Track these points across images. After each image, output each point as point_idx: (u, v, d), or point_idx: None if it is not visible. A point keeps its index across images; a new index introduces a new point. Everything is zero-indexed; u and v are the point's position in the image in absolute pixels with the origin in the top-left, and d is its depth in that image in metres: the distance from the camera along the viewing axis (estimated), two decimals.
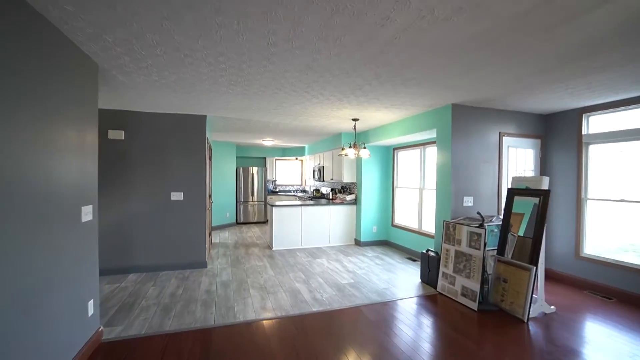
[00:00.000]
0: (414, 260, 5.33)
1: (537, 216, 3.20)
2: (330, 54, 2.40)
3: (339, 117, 4.87)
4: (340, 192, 7.22)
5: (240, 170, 9.11)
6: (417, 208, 5.62)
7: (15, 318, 1.62)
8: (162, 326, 2.91)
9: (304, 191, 10.48)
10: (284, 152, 10.08)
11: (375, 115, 4.73)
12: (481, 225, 3.58)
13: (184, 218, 4.66)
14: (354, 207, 6.62)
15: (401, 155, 6.27)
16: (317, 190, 8.54)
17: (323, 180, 7.79)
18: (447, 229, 3.85)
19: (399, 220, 6.30)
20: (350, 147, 4.85)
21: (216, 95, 3.62)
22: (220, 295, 3.69)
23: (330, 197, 7.55)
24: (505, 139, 4.31)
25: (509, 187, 3.69)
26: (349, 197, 6.55)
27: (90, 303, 2.46)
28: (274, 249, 6.02)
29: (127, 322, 2.98)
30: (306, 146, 9.37)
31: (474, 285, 3.40)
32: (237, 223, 9.12)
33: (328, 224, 6.43)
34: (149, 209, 4.51)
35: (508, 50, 2.36)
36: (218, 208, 8.19)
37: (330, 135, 7.00)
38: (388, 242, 6.49)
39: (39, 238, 1.83)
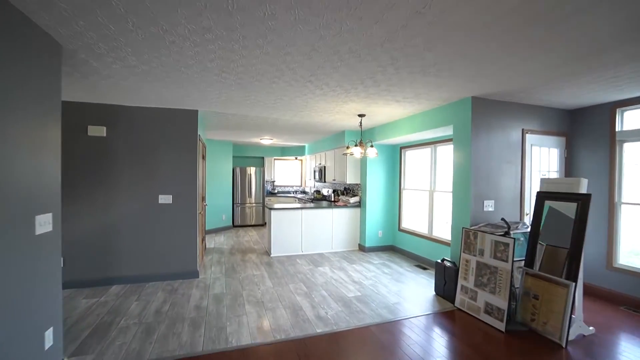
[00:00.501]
0: (425, 269, 4.91)
1: (576, 224, 2.78)
2: (341, 30, 1.98)
3: (344, 113, 4.45)
4: (343, 193, 6.80)
5: (238, 170, 8.68)
6: (427, 212, 5.21)
7: None
8: (141, 355, 2.47)
9: (303, 192, 10.06)
10: (283, 151, 9.66)
11: (383, 111, 4.31)
12: (507, 234, 3.16)
13: (173, 223, 4.23)
14: (357, 210, 6.20)
15: (409, 154, 5.86)
16: (317, 192, 8.12)
17: (324, 181, 7.37)
18: (467, 237, 3.44)
19: (406, 224, 5.88)
20: (356, 145, 4.43)
21: (207, 85, 3.19)
22: (211, 312, 3.26)
23: (332, 199, 7.13)
24: (529, 137, 3.89)
25: (538, 190, 3.28)
26: (352, 200, 6.14)
27: (49, 332, 2.02)
28: (272, 255, 5.60)
29: (100, 349, 2.54)
30: (306, 145, 8.95)
31: (501, 303, 2.98)
32: (234, 226, 8.68)
33: (330, 228, 6.01)
34: (134, 214, 4.08)
35: (553, 28, 1.94)
36: (213, 210, 7.75)
37: (332, 133, 6.58)
38: (394, 247, 6.07)
39: None
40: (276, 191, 9.78)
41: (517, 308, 3.04)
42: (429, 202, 5.17)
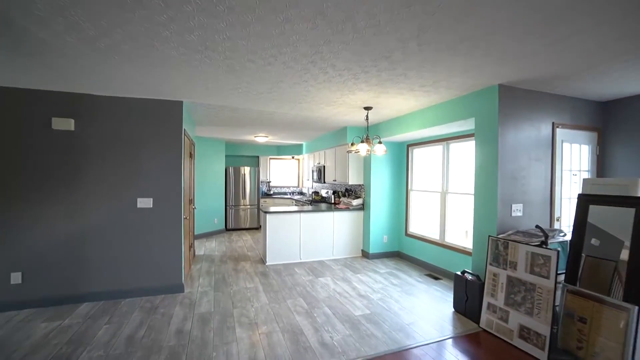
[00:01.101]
0: (436, 279, 4.43)
1: (636, 232, 2.31)
2: None
3: (349, 105, 3.95)
4: (344, 195, 6.31)
5: (231, 170, 8.15)
6: (439, 216, 4.73)
7: None
8: None
9: (301, 193, 9.55)
10: (279, 150, 9.14)
11: (393, 103, 3.82)
12: (544, 244, 2.69)
13: (154, 230, 3.69)
14: (360, 214, 5.71)
15: (417, 152, 5.38)
16: (316, 193, 7.62)
17: (323, 182, 6.87)
18: (495, 248, 2.95)
19: (414, 229, 5.40)
20: (362, 141, 3.93)
21: (190, 68, 2.68)
22: (195, 338, 2.74)
23: (333, 201, 6.63)
24: (559, 132, 3.43)
25: (580, 192, 2.80)
26: (355, 202, 5.64)
27: None
28: (267, 263, 5.08)
29: None
30: (304, 143, 8.45)
31: (541, 327, 2.50)
32: (227, 229, 8.15)
33: (331, 233, 5.51)
34: (108, 220, 3.54)
35: None
36: (204, 213, 7.21)
37: (333, 129, 6.08)
38: (400, 254, 5.59)
39: None
40: (272, 192, 9.26)
41: (558, 332, 2.56)
42: (441, 205, 4.69)
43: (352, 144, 4.09)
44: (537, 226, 2.83)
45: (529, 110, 3.24)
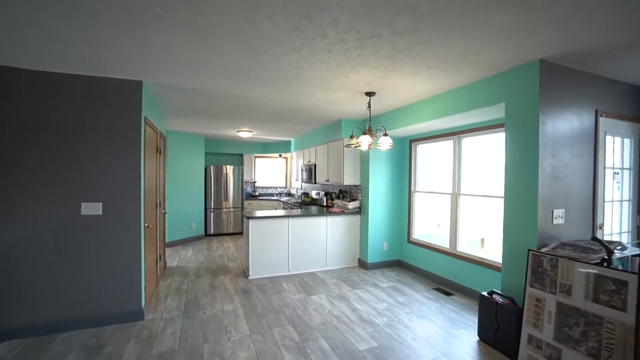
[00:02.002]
0: (448, 294, 3.81)
1: None
2: None
3: (348, 90, 3.28)
4: (338, 197, 5.63)
5: (211, 169, 7.35)
6: (449, 220, 4.11)
7: None
8: None
9: (289, 195, 8.83)
10: (265, 147, 8.39)
11: (401, 87, 3.17)
12: (606, 261, 2.08)
13: (104, 242, 2.92)
14: (357, 218, 5.05)
15: (422, 149, 4.76)
16: (306, 194, 6.92)
17: (314, 182, 6.18)
18: (538, 265, 2.33)
19: (418, 235, 4.78)
20: (364, 133, 3.26)
21: (141, 28, 1.95)
22: None
23: (325, 204, 5.95)
24: (602, 122, 2.85)
25: None
26: (351, 205, 4.97)
27: None
28: (251, 277, 4.35)
29: None
30: (292, 140, 7.73)
31: None
32: (207, 235, 7.35)
33: (324, 240, 4.82)
34: (42, 230, 2.75)
35: None
36: (180, 218, 6.40)
37: (326, 123, 5.40)
38: (402, 263, 4.96)
39: None
40: (257, 193, 8.51)
41: None
42: (452, 208, 4.07)
43: (352, 137, 3.42)
44: (594, 238, 2.22)
45: (571, 94, 2.64)
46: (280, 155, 8.72)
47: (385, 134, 3.24)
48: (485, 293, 2.74)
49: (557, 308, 2.17)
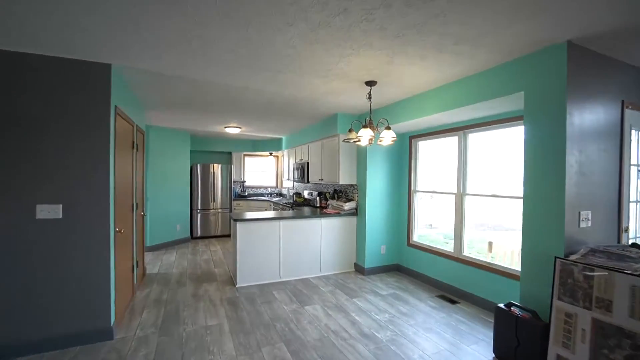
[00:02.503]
0: (453, 302, 3.52)
1: None
2: None
3: (347, 78, 2.94)
4: (332, 197, 5.30)
5: (198, 168, 6.93)
6: (453, 222, 3.82)
7: None
8: None
9: (280, 195, 8.46)
10: (255, 145, 8.00)
11: (406, 75, 2.86)
12: None
13: (65, 251, 2.51)
14: (353, 220, 4.72)
15: (423, 146, 4.46)
16: (298, 195, 6.57)
17: (307, 182, 5.83)
18: (568, 275, 2.03)
19: (419, 238, 4.48)
20: (364, 126, 2.92)
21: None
22: None
23: (318, 205, 5.61)
24: (628, 114, 2.59)
25: None
26: (347, 206, 4.64)
27: None
28: (238, 285, 3.97)
29: None
30: (283, 138, 7.36)
31: None
32: (193, 238, 6.92)
33: (318, 244, 4.48)
34: None
35: None
36: (163, 219, 5.97)
37: (319, 119, 5.05)
38: (401, 267, 4.66)
39: None
40: (247, 194, 8.11)
41: None
42: (457, 209, 3.78)
43: (351, 131, 3.08)
44: (634, 244, 1.93)
45: (598, 82, 2.37)
46: (270, 154, 8.34)
47: (388, 127, 2.92)
48: (502, 305, 2.44)
49: (594, 326, 1.88)
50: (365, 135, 2.87)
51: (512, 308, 2.37)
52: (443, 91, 3.15)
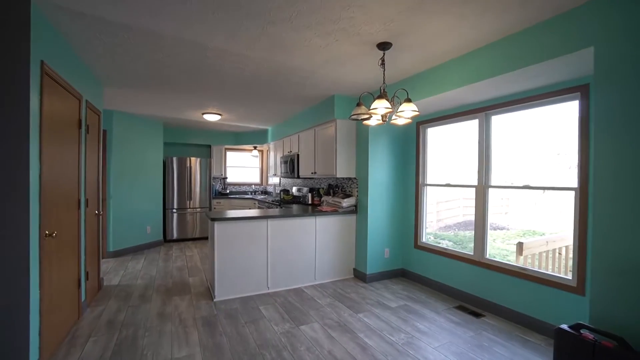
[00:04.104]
0: (477, 315, 2.94)
1: None
2: None
3: (354, 36, 2.30)
4: (327, 193, 4.64)
5: (173, 162, 6.11)
6: (474, 220, 3.25)
7: None
8: None
9: (265, 193, 7.74)
10: (238, 138, 7.24)
11: (429, 33, 2.25)
12: None
13: None
14: (352, 219, 4.09)
15: (433, 132, 3.88)
16: (285, 192, 5.89)
17: (297, 176, 5.16)
18: None
19: (429, 238, 3.90)
20: (379, 96, 2.27)
21: None
22: None
23: (310, 202, 4.95)
24: None
25: None
26: (346, 202, 4.00)
27: None
28: (217, 298, 3.26)
29: None
30: (269, 129, 6.65)
31: None
32: (166, 241, 6.10)
33: (312, 246, 3.82)
34: None
35: None
36: (130, 220, 5.15)
37: (313, 101, 4.39)
38: (406, 272, 4.06)
39: None
40: (228, 191, 7.34)
41: None
42: (478, 204, 3.21)
43: (359, 105, 2.43)
44: None
45: None
46: (255, 148, 7.60)
47: (408, 100, 2.29)
48: (565, 327, 1.85)
49: None
50: (380, 108, 2.23)
51: (582, 331, 1.79)
52: (473, 58, 2.56)
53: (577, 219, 2.39)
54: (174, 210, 6.16)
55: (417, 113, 2.29)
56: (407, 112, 2.29)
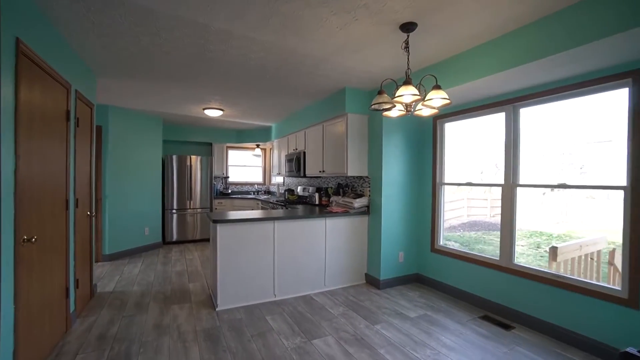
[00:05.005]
0: (506, 327, 2.67)
1: None
2: None
3: (375, 14, 2.03)
4: (337, 192, 4.37)
5: (172, 160, 5.84)
6: (500, 221, 2.97)
7: None
8: None
9: (268, 192, 7.47)
10: (240, 136, 6.97)
11: (461, 11, 1.98)
12: None
13: None
14: (365, 220, 3.81)
15: (452, 127, 3.61)
16: (290, 191, 5.61)
17: (303, 175, 4.89)
18: None
19: (447, 241, 3.63)
20: (405, 83, 2.00)
21: None
22: None
23: (318, 202, 4.68)
24: None
25: None
26: (357, 203, 3.72)
27: None
28: (220, 307, 2.99)
29: None
30: (273, 125, 6.37)
31: None
32: (166, 243, 5.83)
33: (322, 250, 3.55)
34: None
35: None
36: (127, 221, 4.88)
37: (322, 96, 4.11)
38: (422, 277, 3.79)
39: None
40: (230, 191, 7.07)
41: None
42: (504, 205, 2.93)
43: (381, 93, 2.15)
44: None
45: None
46: (258, 146, 7.32)
47: (437, 86, 2.01)
48: (633, 350, 1.58)
49: None
50: (407, 95, 1.95)
51: None
52: (507, 41, 2.29)
53: (627, 222, 2.12)
54: (174, 211, 5.88)
55: (447, 102, 2.01)
56: (436, 101, 2.02)
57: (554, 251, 2.71)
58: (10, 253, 1.67)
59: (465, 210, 5.44)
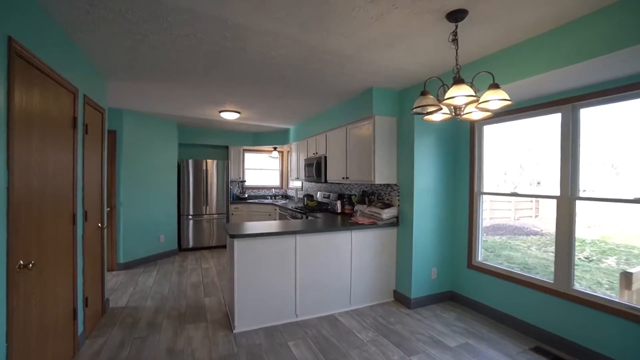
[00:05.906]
0: None
1: None
2: None
3: (420, 3, 1.71)
4: (362, 201, 4.05)
5: (188, 165, 5.67)
6: (555, 240, 2.59)
7: None
8: None
9: (286, 197, 7.23)
10: (257, 138, 6.75)
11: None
12: None
13: None
14: (393, 233, 3.49)
15: (491, 131, 3.24)
16: (310, 197, 5.34)
17: (324, 181, 4.59)
18: None
19: (486, 257, 3.26)
20: (456, 82, 1.68)
21: None
22: None
23: (339, 210, 4.38)
24: None
25: None
26: (386, 213, 3.40)
27: None
28: (237, 329, 2.73)
29: None
30: (291, 128, 6.11)
31: None
32: (181, 250, 5.66)
33: (348, 266, 3.25)
34: None
35: None
36: (143, 229, 4.73)
37: (345, 97, 3.80)
38: (456, 296, 3.43)
39: None
40: (246, 195, 6.86)
41: None
42: (560, 220, 2.55)
43: (425, 94, 1.83)
44: None
45: None
46: (275, 149, 7.10)
47: (495, 85, 1.68)
48: None
49: None
50: (459, 97, 1.63)
51: None
52: (572, 31, 1.92)
53: None
54: (190, 217, 5.72)
55: (509, 103, 1.67)
56: (493, 103, 1.69)
57: (627, 278, 2.31)
58: (2, 282, 1.45)
59: (488, 212, 5.05)
